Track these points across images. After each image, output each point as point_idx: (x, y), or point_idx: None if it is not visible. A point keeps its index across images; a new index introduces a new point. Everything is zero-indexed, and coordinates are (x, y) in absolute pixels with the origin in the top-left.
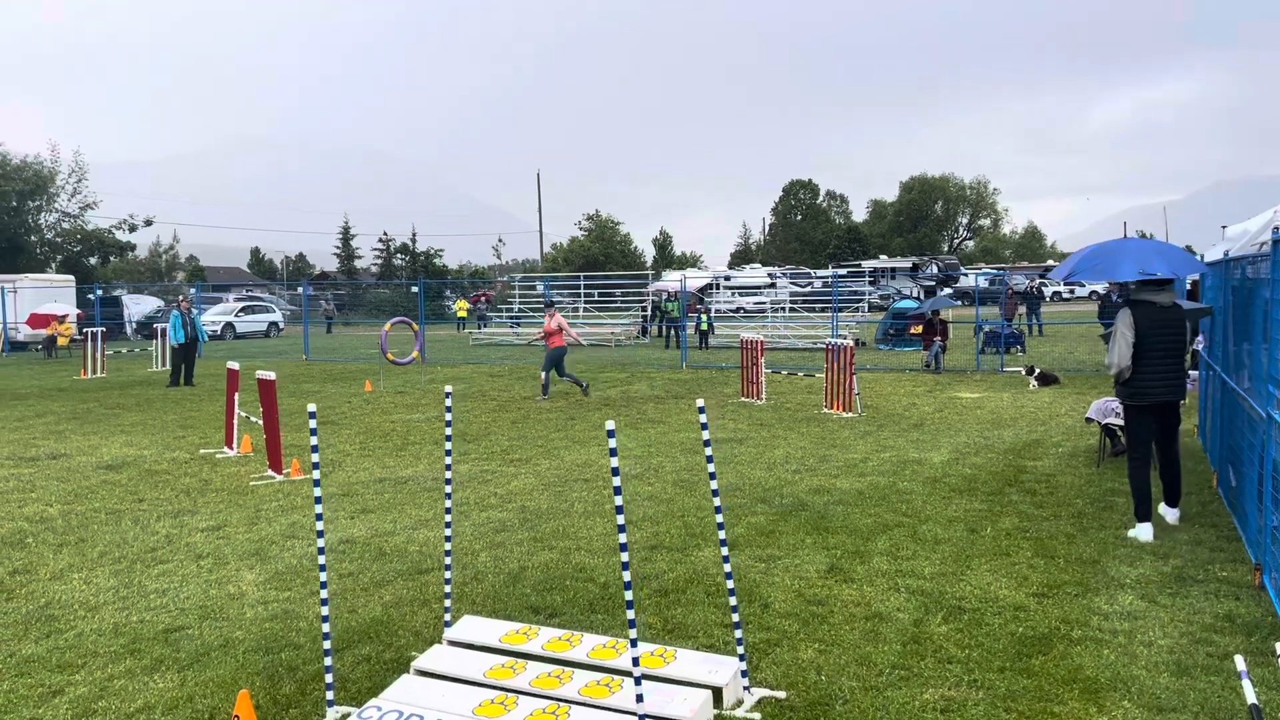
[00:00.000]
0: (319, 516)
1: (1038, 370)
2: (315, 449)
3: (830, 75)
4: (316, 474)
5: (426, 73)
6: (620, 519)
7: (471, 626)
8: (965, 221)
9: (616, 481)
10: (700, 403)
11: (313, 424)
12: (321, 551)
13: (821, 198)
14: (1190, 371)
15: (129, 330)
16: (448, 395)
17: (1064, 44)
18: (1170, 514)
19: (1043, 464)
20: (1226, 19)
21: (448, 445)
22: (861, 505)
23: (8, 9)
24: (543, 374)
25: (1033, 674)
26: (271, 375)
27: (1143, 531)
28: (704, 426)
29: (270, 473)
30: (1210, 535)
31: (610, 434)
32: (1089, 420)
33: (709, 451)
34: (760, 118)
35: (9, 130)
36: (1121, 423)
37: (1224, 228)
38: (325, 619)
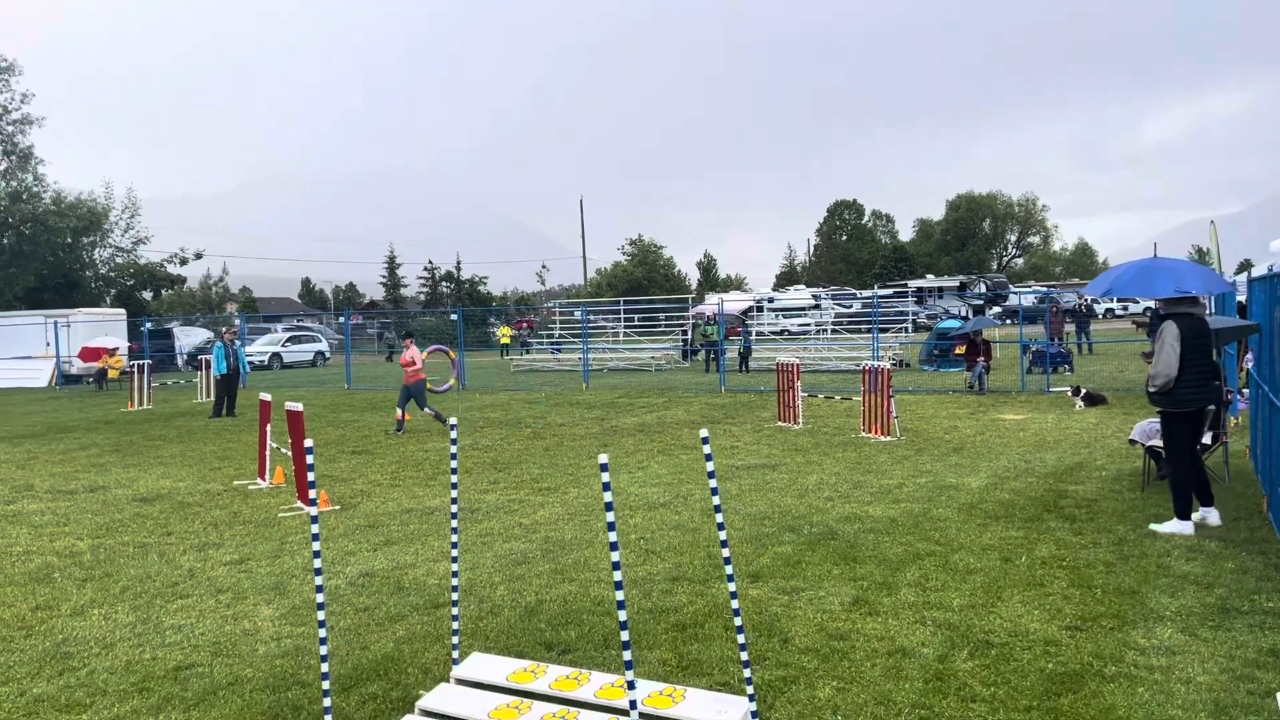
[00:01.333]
0: (316, 554)
1: (1084, 390)
2: (313, 485)
3: (874, 94)
4: (314, 510)
5: (472, 100)
6: (615, 555)
7: (479, 664)
8: (1014, 239)
9: (610, 516)
10: (704, 432)
11: (310, 460)
12: (320, 590)
13: (867, 218)
14: (1243, 390)
15: (180, 362)
16: (453, 427)
17: (1112, 58)
18: (1212, 515)
19: (1085, 488)
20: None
21: (453, 479)
22: (893, 533)
23: (60, 51)
24: (399, 409)
25: (1061, 714)
26: (299, 406)
27: (1184, 527)
28: (708, 457)
29: (299, 504)
30: (1258, 563)
31: (603, 468)
32: (1133, 442)
33: (713, 484)
34: (804, 139)
35: (65, 169)
36: None
37: (1272, 243)
38: (324, 658)
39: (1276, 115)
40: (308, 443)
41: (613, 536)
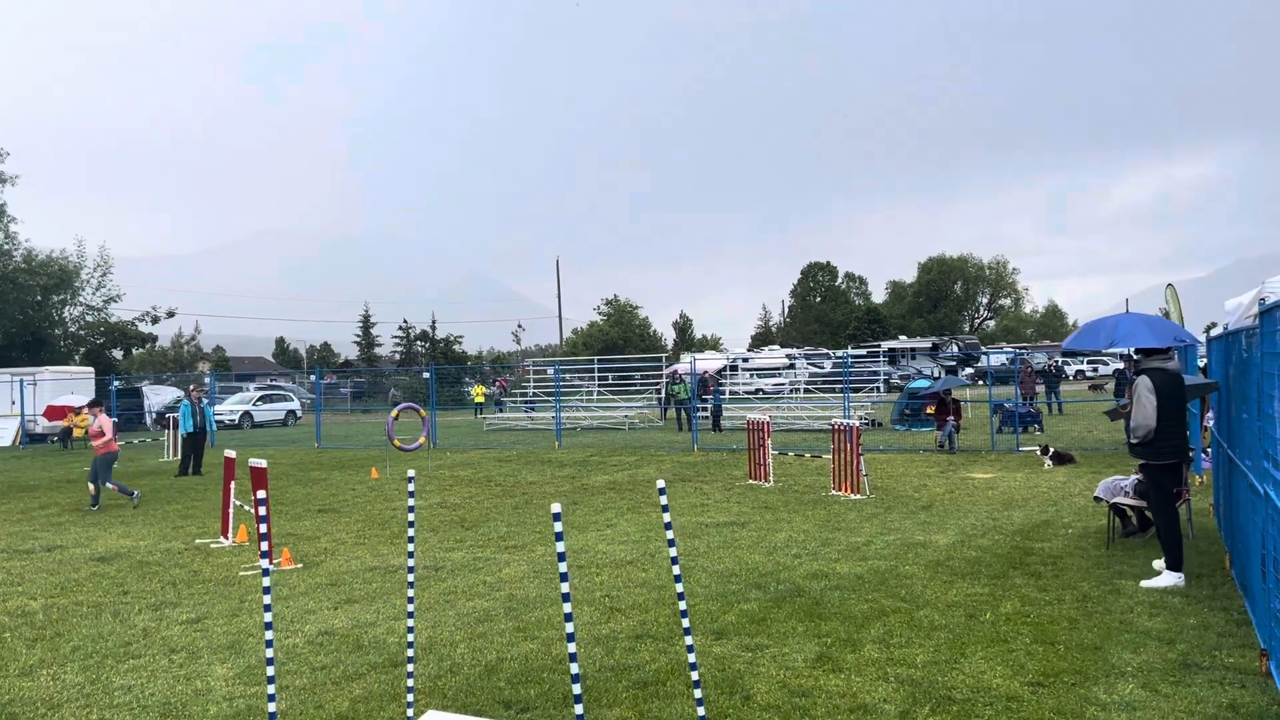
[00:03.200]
0: (267, 608)
1: (1052, 450)
2: (265, 537)
3: (846, 158)
4: (266, 564)
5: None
6: (567, 607)
7: None
8: (985, 301)
9: (563, 567)
10: (661, 483)
11: (263, 511)
12: (269, 645)
13: (840, 279)
14: (1206, 448)
15: (149, 420)
16: (410, 480)
17: (1081, 125)
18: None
19: (1050, 545)
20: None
21: (410, 532)
22: (859, 590)
23: (37, 110)
24: (91, 484)
25: None
26: (263, 463)
27: (1178, 580)
28: (665, 508)
29: (260, 562)
30: (1220, 619)
31: (556, 517)
32: (1098, 500)
33: (670, 535)
34: (778, 202)
35: (35, 227)
36: (1131, 502)
37: (1227, 302)
38: (273, 717)
39: (1241, 182)
40: (261, 494)
41: (565, 588)
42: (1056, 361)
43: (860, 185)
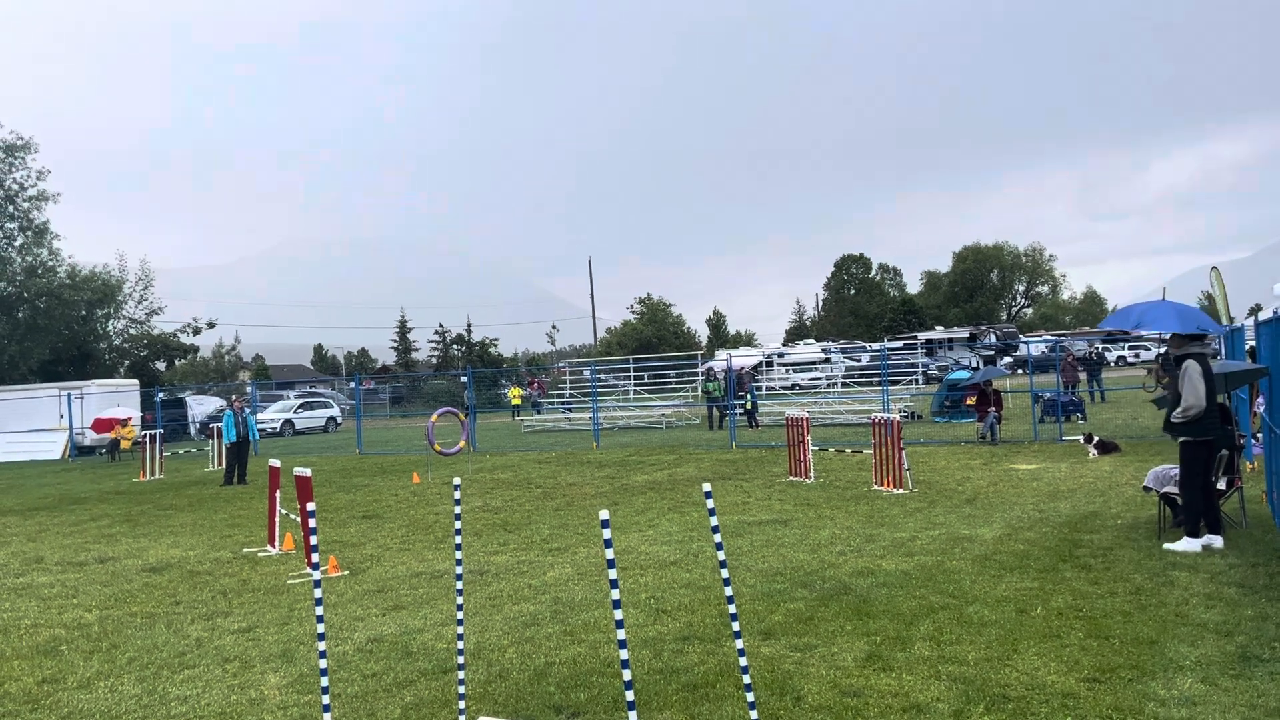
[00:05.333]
0: (319, 619)
1: (1096, 438)
2: (314, 549)
3: (877, 149)
4: (317, 574)
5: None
6: (618, 614)
7: None
8: (1022, 289)
9: (613, 574)
10: (707, 486)
11: (313, 522)
12: (323, 656)
13: (874, 271)
14: (1256, 434)
15: (193, 431)
16: (456, 488)
17: (1114, 107)
18: (1216, 540)
19: (1100, 537)
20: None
21: (457, 540)
22: (907, 587)
23: (77, 124)
24: None
25: None
26: (308, 472)
27: (1194, 545)
28: (711, 511)
29: (308, 570)
30: (1278, 610)
31: (604, 524)
32: (1147, 489)
33: (718, 539)
34: (809, 195)
35: (79, 243)
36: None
37: (1276, 285)
38: None
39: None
40: (310, 506)
41: (615, 594)
42: (1098, 349)
43: (892, 176)
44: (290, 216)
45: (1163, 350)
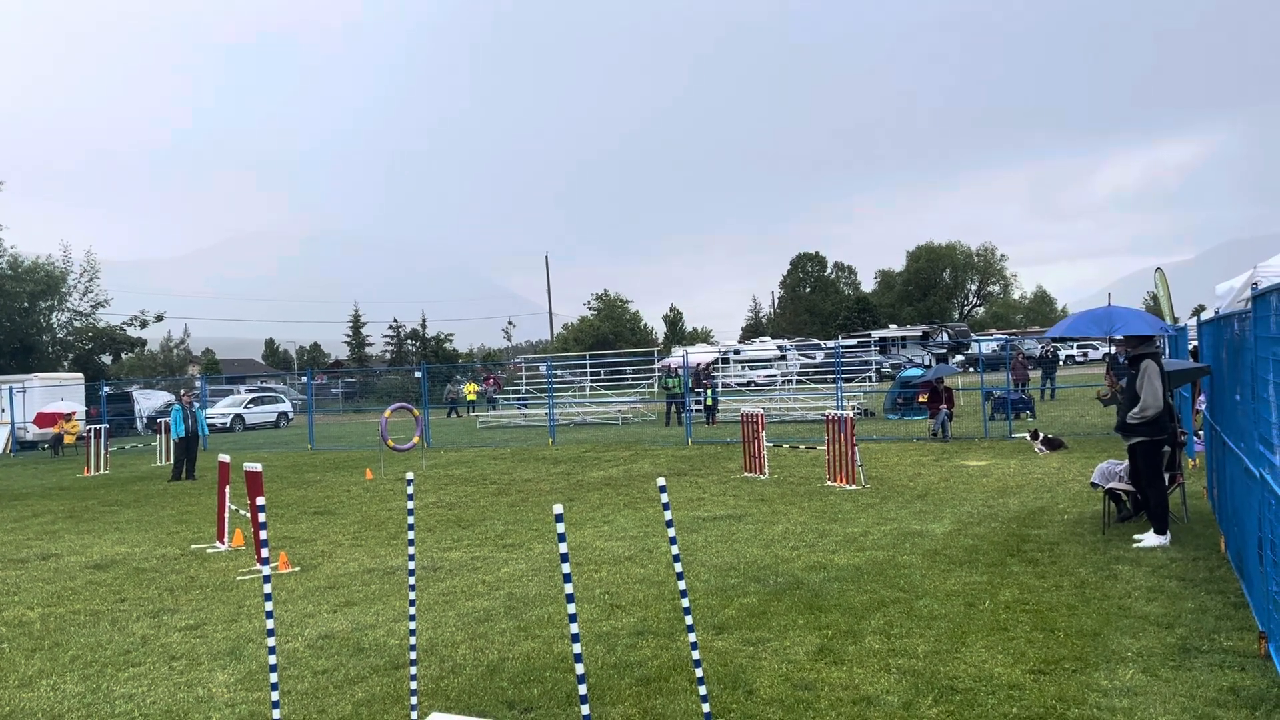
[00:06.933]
0: (269, 614)
1: (1042, 435)
2: (264, 544)
3: (833, 148)
4: (266, 569)
5: (435, 159)
6: (571, 608)
7: None
8: (974, 288)
9: (566, 568)
10: (661, 481)
11: (262, 517)
12: (272, 652)
13: (830, 269)
14: (1198, 432)
15: (139, 425)
16: (409, 483)
17: (1066, 109)
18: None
19: (1047, 532)
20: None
21: (410, 534)
22: (858, 581)
23: (15, 114)
24: None
25: None
26: (258, 467)
27: (1165, 540)
28: (666, 506)
29: (258, 567)
30: (1217, 602)
31: (558, 518)
32: (1094, 485)
33: (672, 534)
34: (765, 192)
35: (21, 233)
36: (1126, 487)
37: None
38: None
39: (1226, 165)
40: (260, 500)
41: (569, 588)
42: (1053, 349)
43: (847, 175)
44: (242, 211)
45: (1111, 351)
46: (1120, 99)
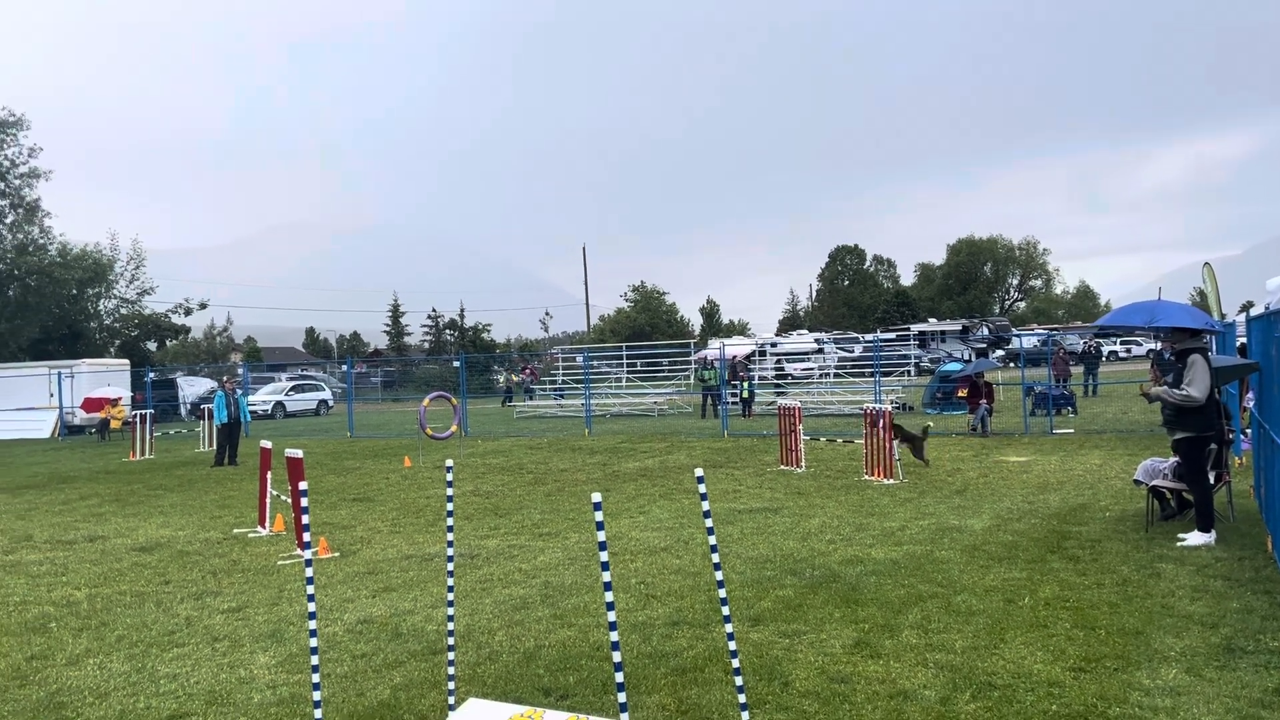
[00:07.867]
0: (310, 598)
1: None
2: (307, 528)
3: (873, 141)
4: (308, 554)
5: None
6: (609, 596)
7: (476, 710)
8: (1015, 283)
9: (604, 556)
10: (699, 472)
11: (304, 503)
12: (314, 635)
13: (869, 262)
14: (1245, 429)
15: (183, 411)
16: (448, 471)
17: (1110, 102)
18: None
19: (1088, 529)
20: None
21: (449, 521)
22: (895, 576)
23: (70, 105)
24: None
25: None
26: (299, 453)
27: (1210, 539)
28: (703, 497)
29: (298, 552)
30: (1263, 602)
31: (597, 507)
32: (1137, 483)
33: (709, 524)
34: (805, 185)
35: (70, 221)
36: (1171, 485)
37: (1269, 281)
38: (318, 704)
39: (1277, 158)
40: (302, 486)
41: (606, 577)
42: (1096, 344)
43: (887, 168)
44: (285, 201)
45: (1156, 346)
46: (1169, 92)
